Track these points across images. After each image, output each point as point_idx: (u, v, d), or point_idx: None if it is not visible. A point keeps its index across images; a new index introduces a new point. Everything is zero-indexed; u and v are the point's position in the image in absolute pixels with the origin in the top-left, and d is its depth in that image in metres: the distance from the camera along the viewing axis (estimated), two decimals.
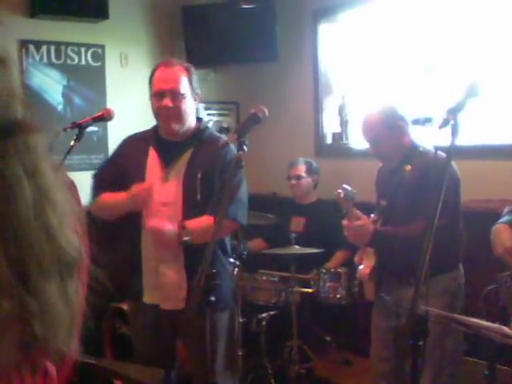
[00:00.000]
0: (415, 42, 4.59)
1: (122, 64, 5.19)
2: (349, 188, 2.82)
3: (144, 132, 2.94)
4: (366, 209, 2.97)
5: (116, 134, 2.98)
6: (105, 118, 2.74)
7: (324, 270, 3.87)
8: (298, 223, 4.57)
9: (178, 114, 2.68)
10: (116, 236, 2.86)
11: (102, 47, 5.08)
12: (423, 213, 2.71)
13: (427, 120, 4.49)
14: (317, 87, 5.24)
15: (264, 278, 3.97)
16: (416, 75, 4.64)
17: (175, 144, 2.76)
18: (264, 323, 4.00)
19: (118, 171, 2.84)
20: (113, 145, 3.34)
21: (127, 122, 4.98)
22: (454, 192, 2.79)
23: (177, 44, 5.37)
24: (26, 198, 0.63)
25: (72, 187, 0.77)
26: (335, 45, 5.18)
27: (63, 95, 4.91)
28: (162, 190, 2.72)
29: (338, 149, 5.09)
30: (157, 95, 2.67)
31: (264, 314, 4.03)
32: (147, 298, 2.79)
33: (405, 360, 2.10)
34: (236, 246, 3.77)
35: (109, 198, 2.79)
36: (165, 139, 2.79)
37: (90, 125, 2.74)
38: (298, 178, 4.58)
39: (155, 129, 2.86)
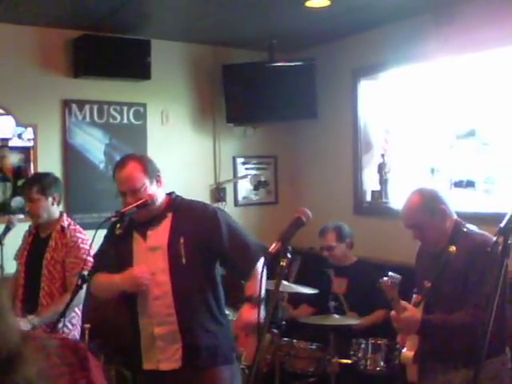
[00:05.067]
0: (455, 104, 4.55)
1: (163, 122, 5.26)
2: (394, 275, 2.78)
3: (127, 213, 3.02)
4: (403, 270, 2.90)
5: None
6: (148, 203, 2.76)
7: (364, 341, 3.80)
8: (340, 285, 4.48)
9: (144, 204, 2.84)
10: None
11: (144, 106, 5.16)
12: (473, 299, 2.66)
13: (469, 183, 4.45)
14: (356, 144, 5.23)
15: (302, 345, 3.91)
16: (456, 137, 4.60)
17: (151, 219, 2.89)
18: None
19: (112, 253, 2.95)
20: None
21: (167, 178, 5.03)
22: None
23: (217, 102, 5.43)
24: None
25: None
26: (375, 102, 5.17)
27: (105, 154, 4.99)
28: (149, 261, 2.85)
29: (377, 207, 5.04)
30: (121, 195, 2.86)
31: (301, 382, 3.97)
32: (147, 365, 2.89)
33: None
34: (275, 313, 3.74)
35: (106, 276, 2.90)
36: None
37: (134, 213, 2.76)
38: (330, 248, 4.50)
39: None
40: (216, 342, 2.91)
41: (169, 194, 3.00)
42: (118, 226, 2.72)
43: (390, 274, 2.80)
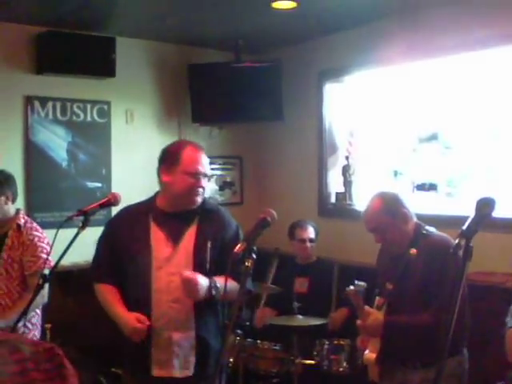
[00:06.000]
0: (419, 108, 4.62)
1: (128, 121, 5.21)
2: (360, 283, 2.81)
3: (139, 205, 2.94)
4: (366, 271, 2.93)
5: (120, 190, 2.98)
6: (111, 202, 2.72)
7: (327, 342, 3.82)
8: (301, 284, 4.55)
9: (204, 192, 2.84)
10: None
11: (108, 104, 5.10)
12: (435, 300, 2.70)
13: (431, 186, 4.52)
14: (321, 147, 5.25)
15: (265, 346, 3.92)
16: (419, 140, 4.66)
17: (177, 215, 2.82)
18: None
19: (119, 250, 2.83)
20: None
21: (131, 178, 5.01)
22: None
23: (182, 101, 5.40)
24: None
25: None
26: (340, 105, 5.21)
27: (68, 152, 4.91)
28: (170, 262, 2.77)
29: (342, 209, 5.07)
30: (193, 175, 2.76)
31: (265, 382, 3.98)
32: (158, 372, 2.80)
33: None
34: (239, 314, 3.73)
35: (110, 300, 2.83)
36: (166, 211, 2.84)
37: (97, 211, 2.71)
38: (312, 240, 4.62)
39: (152, 201, 2.89)
40: (219, 348, 2.83)
41: None
42: (81, 224, 2.65)
43: (356, 282, 2.84)
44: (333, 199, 5.23)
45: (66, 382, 0.96)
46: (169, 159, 2.81)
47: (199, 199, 2.80)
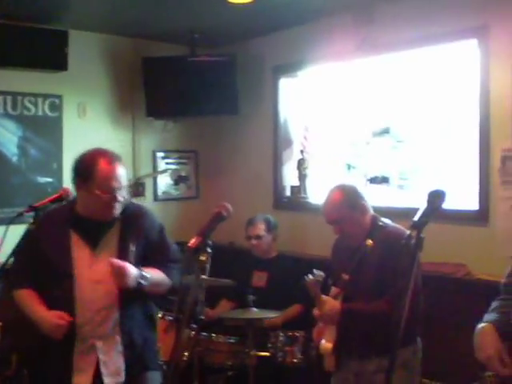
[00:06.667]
0: (371, 103, 4.68)
1: (80, 115, 5.14)
2: (318, 273, 2.84)
3: (58, 210, 2.85)
4: (320, 264, 2.97)
5: (71, 185, 2.91)
6: (62, 198, 2.67)
7: (281, 334, 3.85)
8: (260, 278, 4.56)
9: (121, 204, 2.74)
10: None
11: (60, 97, 5.02)
12: (390, 289, 2.74)
13: (384, 179, 4.60)
14: (276, 141, 5.28)
15: (220, 339, 3.93)
16: (371, 134, 4.73)
17: (98, 222, 2.75)
18: None
19: (40, 255, 2.74)
20: None
21: None
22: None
23: (136, 95, 5.35)
24: None
25: None
26: (295, 100, 5.24)
27: (18, 147, 4.82)
28: (93, 269, 2.73)
29: (296, 202, 5.11)
30: (108, 192, 2.65)
31: (220, 376, 3.98)
32: (78, 379, 2.73)
33: None
34: (194, 308, 3.72)
35: (29, 301, 2.76)
36: (84, 218, 2.75)
37: (48, 207, 2.66)
38: (259, 237, 4.58)
39: (71, 207, 2.81)
40: (153, 348, 2.89)
41: None
42: (32, 221, 2.60)
43: (315, 271, 2.86)
44: (288, 192, 5.27)
45: None
46: (82, 174, 2.70)
47: (116, 212, 2.72)
